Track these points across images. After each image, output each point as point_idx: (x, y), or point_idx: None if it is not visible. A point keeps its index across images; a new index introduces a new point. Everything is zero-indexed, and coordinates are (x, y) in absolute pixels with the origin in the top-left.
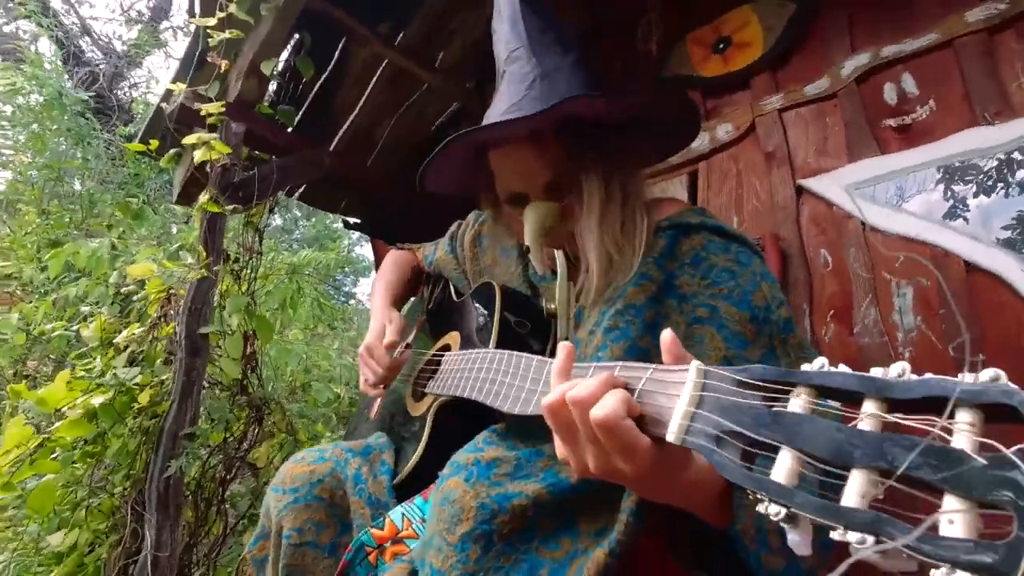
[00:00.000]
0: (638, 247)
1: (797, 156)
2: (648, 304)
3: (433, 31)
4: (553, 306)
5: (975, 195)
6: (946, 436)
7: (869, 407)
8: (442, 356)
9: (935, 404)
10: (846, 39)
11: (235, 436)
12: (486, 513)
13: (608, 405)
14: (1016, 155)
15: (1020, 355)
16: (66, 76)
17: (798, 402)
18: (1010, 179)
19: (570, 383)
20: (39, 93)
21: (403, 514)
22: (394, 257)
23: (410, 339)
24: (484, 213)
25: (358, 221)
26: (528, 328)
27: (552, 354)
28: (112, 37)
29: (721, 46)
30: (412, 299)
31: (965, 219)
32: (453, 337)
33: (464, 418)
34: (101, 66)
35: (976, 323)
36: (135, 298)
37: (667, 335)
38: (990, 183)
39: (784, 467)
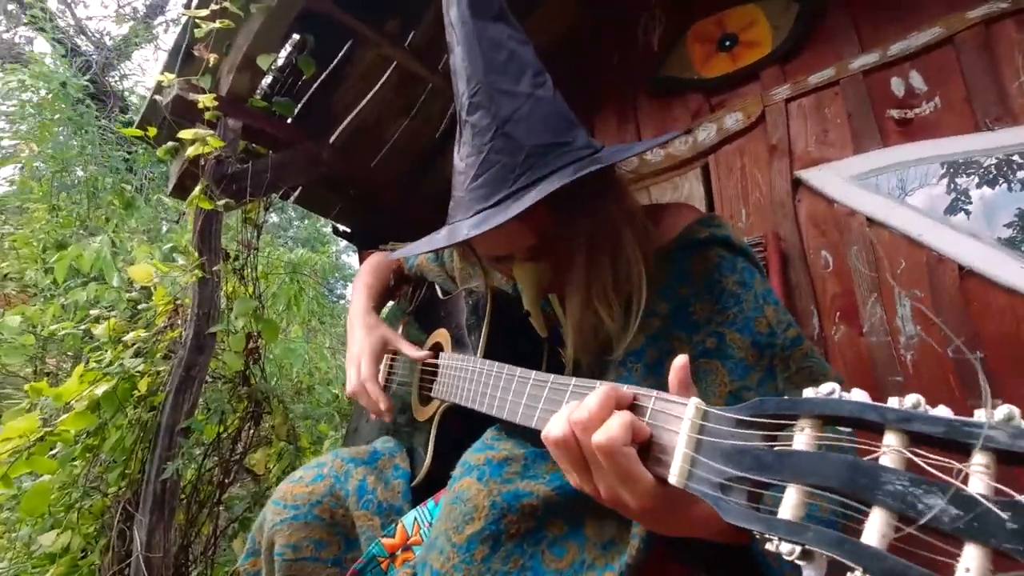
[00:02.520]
0: (636, 305)
1: (797, 146)
2: (649, 343)
3: (439, 33)
4: (566, 353)
5: (978, 186)
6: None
7: (891, 440)
8: (437, 355)
9: (957, 446)
10: (854, 38)
11: (229, 432)
12: (496, 512)
13: (612, 427)
14: (1016, 158)
15: (1019, 352)
16: (64, 68)
17: (802, 438)
18: (1011, 176)
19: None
20: (45, 88)
21: (415, 519)
22: (376, 260)
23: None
24: None
25: (347, 230)
26: (517, 333)
27: (547, 365)
28: (103, 34)
29: (728, 43)
30: (391, 303)
31: (967, 212)
32: (442, 335)
33: (469, 422)
34: (94, 57)
35: (970, 326)
36: (141, 307)
37: (681, 358)
38: (990, 178)
39: (791, 503)
